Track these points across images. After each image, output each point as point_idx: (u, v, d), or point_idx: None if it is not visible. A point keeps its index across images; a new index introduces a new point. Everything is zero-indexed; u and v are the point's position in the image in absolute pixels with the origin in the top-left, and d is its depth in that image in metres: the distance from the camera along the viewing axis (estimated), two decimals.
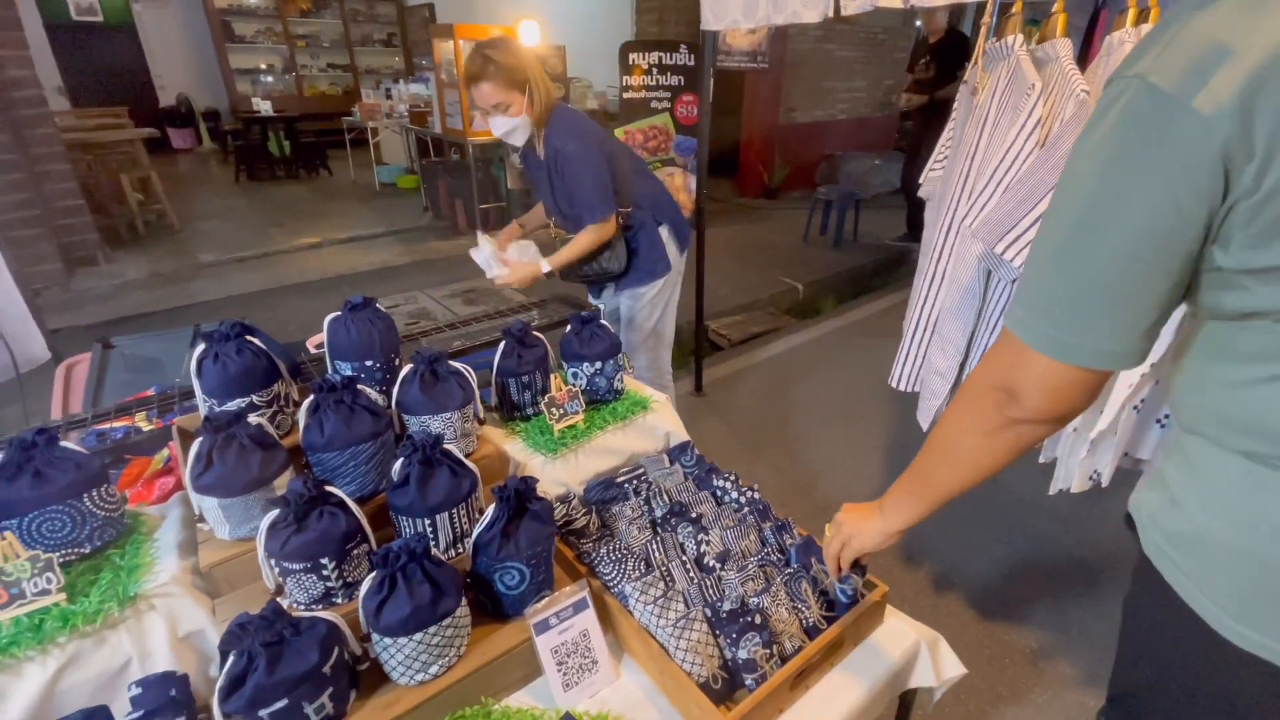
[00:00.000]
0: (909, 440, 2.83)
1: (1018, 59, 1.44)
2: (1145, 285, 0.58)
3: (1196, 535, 0.65)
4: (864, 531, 0.89)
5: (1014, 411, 0.68)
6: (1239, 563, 0.62)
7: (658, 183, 2.30)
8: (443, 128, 6.07)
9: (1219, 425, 0.63)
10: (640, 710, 0.91)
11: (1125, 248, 0.56)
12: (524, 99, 1.89)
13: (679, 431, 1.45)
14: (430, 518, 0.95)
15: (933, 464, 0.82)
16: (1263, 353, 0.57)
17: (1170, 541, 0.69)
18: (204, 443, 0.89)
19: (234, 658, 0.72)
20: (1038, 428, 0.69)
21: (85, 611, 0.85)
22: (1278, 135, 0.48)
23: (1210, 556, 0.64)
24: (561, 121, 1.96)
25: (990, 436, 0.72)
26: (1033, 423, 0.68)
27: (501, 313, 1.86)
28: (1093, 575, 2.09)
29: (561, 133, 1.94)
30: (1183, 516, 0.67)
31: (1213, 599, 0.64)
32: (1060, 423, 0.68)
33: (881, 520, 0.88)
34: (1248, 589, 0.62)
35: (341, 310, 1.17)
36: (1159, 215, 0.54)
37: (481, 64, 1.83)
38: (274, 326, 3.78)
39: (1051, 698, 1.70)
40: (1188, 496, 0.67)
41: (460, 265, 5.05)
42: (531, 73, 1.88)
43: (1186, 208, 0.53)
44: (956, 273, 1.65)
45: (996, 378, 0.69)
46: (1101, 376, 0.64)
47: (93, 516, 0.93)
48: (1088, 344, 0.61)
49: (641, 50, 3.98)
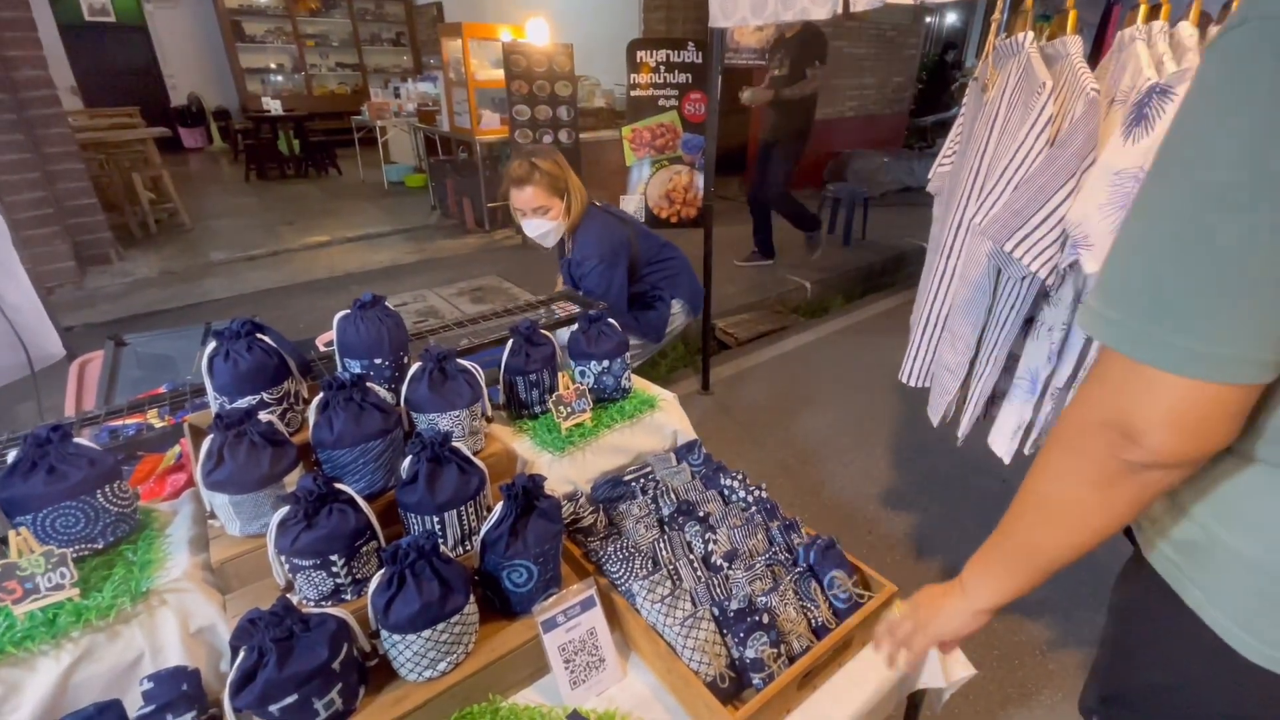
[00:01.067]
0: (918, 438, 2.81)
1: (1028, 56, 1.43)
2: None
3: (1205, 544, 0.63)
4: (944, 613, 0.74)
5: (1134, 454, 0.54)
6: (1249, 574, 0.59)
7: (678, 259, 2.48)
8: (451, 126, 6.08)
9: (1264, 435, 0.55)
10: (647, 709, 0.91)
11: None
12: (562, 205, 2.13)
13: (686, 430, 1.45)
14: (439, 515, 0.96)
15: (1028, 525, 0.67)
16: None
17: (1177, 550, 0.66)
18: (215, 440, 0.90)
19: (245, 653, 0.73)
20: (1169, 473, 0.55)
21: (98, 606, 0.86)
22: None
23: (1219, 566, 0.62)
24: (589, 233, 2.18)
25: (1104, 490, 0.58)
26: (1163, 467, 0.54)
27: (509, 311, 1.87)
28: (1101, 573, 2.06)
29: (587, 246, 2.15)
30: (1191, 525, 0.64)
31: (1222, 609, 0.62)
32: (1196, 465, 0.55)
33: (964, 598, 0.73)
34: (1257, 601, 0.59)
35: (351, 308, 1.18)
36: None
37: (529, 170, 2.07)
38: (284, 324, 3.80)
39: (1061, 699, 1.69)
40: (1196, 504, 0.63)
41: (468, 263, 5.07)
42: (570, 182, 2.14)
43: None
44: (967, 270, 1.64)
45: (1104, 412, 0.55)
46: (1249, 395, 0.50)
47: (106, 512, 0.94)
48: (1234, 351, 0.48)
49: (649, 48, 3.97)
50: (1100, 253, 1.25)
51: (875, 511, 2.42)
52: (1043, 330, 1.52)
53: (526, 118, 5.04)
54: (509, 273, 4.77)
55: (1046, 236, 1.31)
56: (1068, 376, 1.51)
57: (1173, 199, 0.50)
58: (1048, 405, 1.58)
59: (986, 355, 1.62)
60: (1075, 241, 1.27)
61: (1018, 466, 0.75)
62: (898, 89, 8.11)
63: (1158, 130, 1.16)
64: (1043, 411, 1.59)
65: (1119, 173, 1.21)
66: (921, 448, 2.76)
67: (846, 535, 2.28)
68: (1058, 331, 1.48)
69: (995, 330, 1.57)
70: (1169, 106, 1.15)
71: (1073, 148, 1.28)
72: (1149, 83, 1.18)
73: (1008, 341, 1.56)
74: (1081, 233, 1.25)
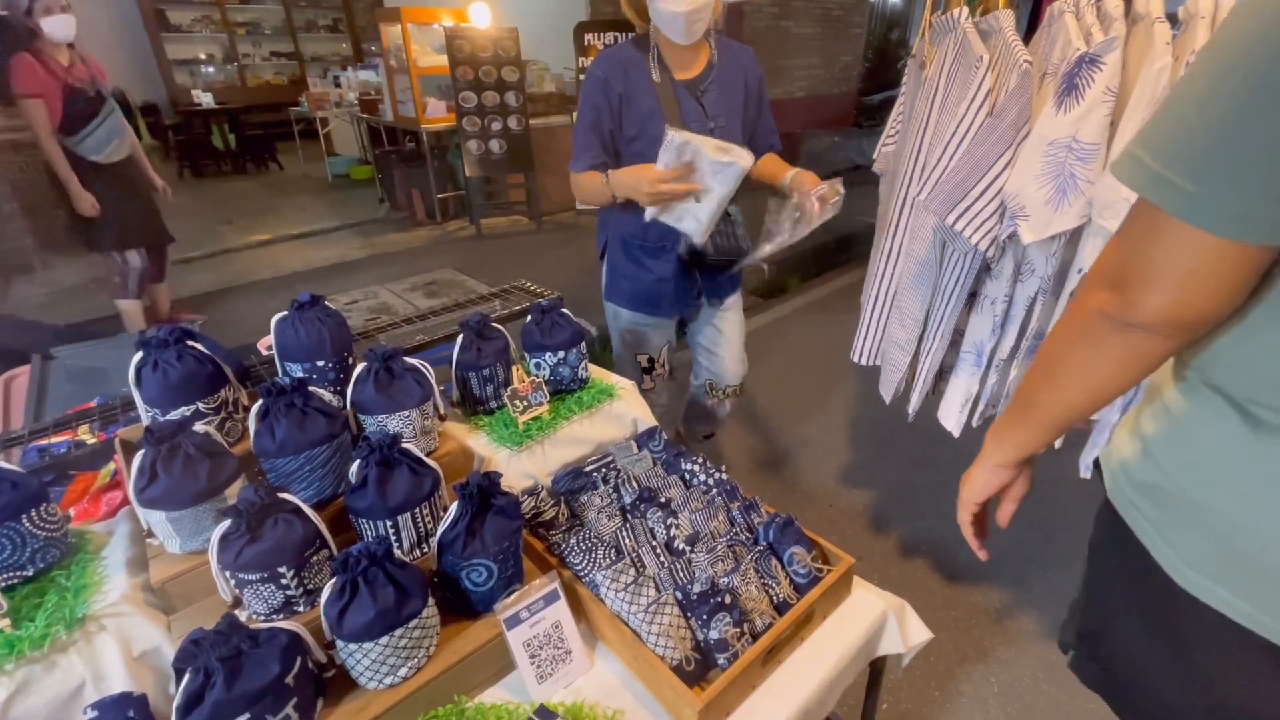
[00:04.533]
0: (874, 415, 2.88)
1: (964, 31, 1.45)
2: None
3: (1167, 489, 0.66)
4: (971, 479, 0.82)
5: (1122, 311, 0.57)
6: (1208, 520, 0.62)
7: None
8: (395, 115, 5.90)
9: (1243, 383, 0.58)
10: (615, 697, 0.91)
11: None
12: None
13: (646, 417, 1.45)
14: (392, 519, 0.93)
15: (1033, 384, 0.72)
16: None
17: (1138, 491, 0.69)
18: (146, 455, 0.86)
19: (190, 675, 0.70)
20: (1152, 338, 0.58)
21: (31, 637, 0.82)
22: None
23: (1179, 511, 0.65)
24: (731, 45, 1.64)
25: (1095, 348, 0.62)
26: (1146, 329, 0.57)
27: (460, 305, 1.83)
28: (1050, 533, 2.17)
29: (748, 55, 1.65)
30: (1156, 469, 0.67)
31: (1174, 548, 0.65)
32: (1181, 334, 0.57)
33: (984, 460, 0.80)
34: (1213, 546, 0.62)
35: (288, 310, 1.13)
36: None
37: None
38: (228, 328, 3.65)
39: (1015, 654, 1.77)
40: (1164, 451, 0.66)
41: (420, 257, 4.94)
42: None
43: None
44: (912, 247, 1.67)
45: (1106, 270, 0.58)
46: (1240, 260, 0.51)
47: (33, 538, 0.89)
48: (1241, 208, 0.49)
49: (597, 30, 3.92)
50: (1037, 224, 1.29)
51: (835, 486, 2.47)
52: (986, 304, 1.57)
53: (474, 104, 4.92)
54: (463, 265, 4.67)
55: (986, 208, 1.34)
56: (1011, 347, 1.56)
57: (1206, 69, 0.52)
58: (993, 377, 1.63)
59: (933, 330, 1.66)
60: (1013, 212, 1.31)
61: (971, 436, 0.80)
62: (845, 68, 8.19)
63: (1088, 99, 1.19)
64: (989, 383, 1.64)
65: (1052, 142, 1.24)
66: (878, 422, 2.83)
67: (808, 511, 2.33)
68: (1000, 304, 1.52)
69: (941, 305, 1.61)
70: (1098, 75, 1.19)
71: (1008, 119, 1.31)
72: (1078, 53, 1.21)
73: (953, 316, 1.60)
74: (1019, 204, 1.29)
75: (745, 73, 1.59)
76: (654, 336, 1.82)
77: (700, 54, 1.55)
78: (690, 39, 1.45)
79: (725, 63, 1.56)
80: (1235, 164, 0.50)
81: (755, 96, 1.62)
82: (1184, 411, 0.64)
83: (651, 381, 1.87)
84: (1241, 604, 0.61)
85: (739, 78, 1.58)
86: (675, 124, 1.46)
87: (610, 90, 1.52)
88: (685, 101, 1.53)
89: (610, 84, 1.52)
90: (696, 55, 1.54)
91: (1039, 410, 0.72)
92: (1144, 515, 0.69)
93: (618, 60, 1.54)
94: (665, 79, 1.53)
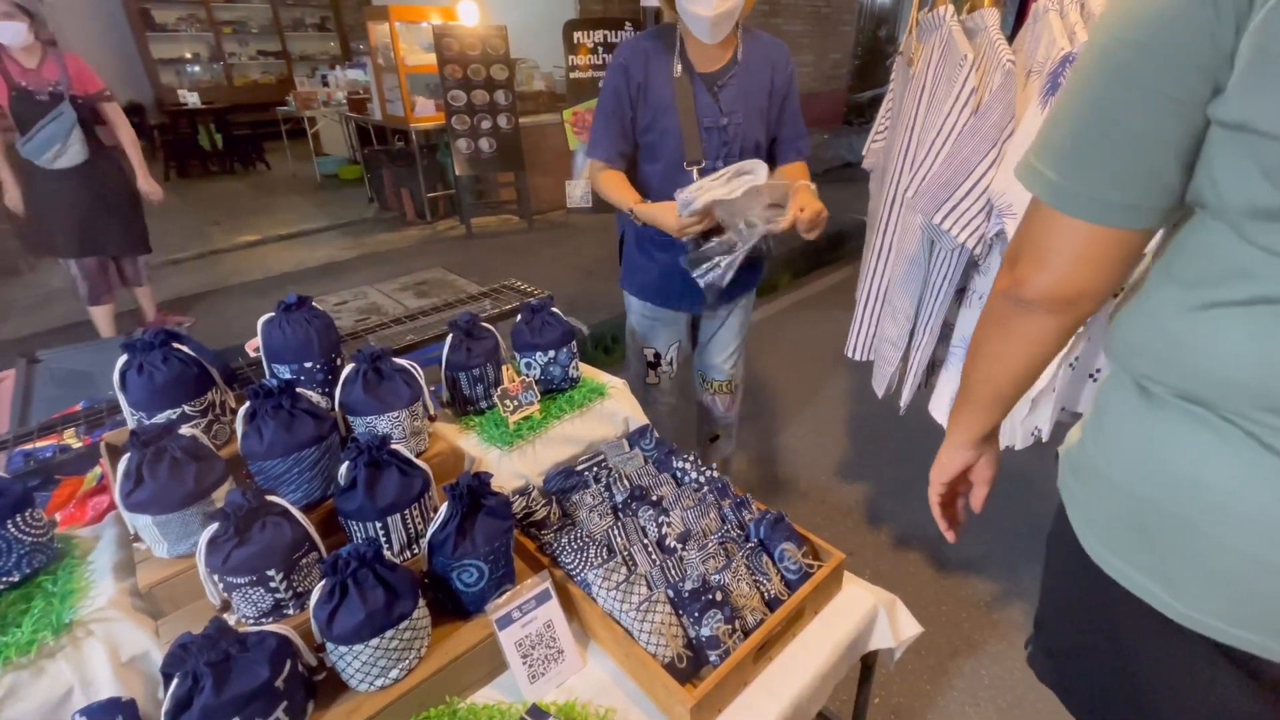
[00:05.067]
0: (867, 411, 2.89)
1: (950, 30, 1.46)
2: (1151, 120, 0.52)
3: (1088, 468, 0.69)
4: (936, 460, 0.88)
5: (1015, 289, 0.65)
6: (1114, 495, 0.65)
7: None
8: (384, 114, 5.87)
9: (1141, 358, 0.62)
10: (608, 695, 0.91)
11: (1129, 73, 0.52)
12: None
13: (638, 416, 1.45)
14: (381, 520, 0.93)
15: (967, 365, 0.79)
16: (1201, 278, 0.56)
17: (1072, 475, 0.72)
18: (132, 459, 0.85)
19: (178, 680, 0.70)
20: (1043, 315, 0.64)
21: (18, 643, 0.81)
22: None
23: (1094, 488, 0.68)
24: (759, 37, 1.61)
25: (1003, 327, 0.69)
26: (1034, 305, 0.64)
27: (450, 304, 1.82)
28: (1040, 526, 2.17)
29: (777, 47, 1.61)
30: (1080, 451, 0.71)
31: (1091, 528, 0.68)
32: (1065, 310, 0.63)
33: (945, 443, 0.86)
34: (1117, 521, 0.65)
35: (275, 311, 1.12)
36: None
37: None
38: (217, 330, 3.62)
39: (1005, 647, 1.78)
40: (1089, 433, 0.70)
41: (410, 256, 4.92)
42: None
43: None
44: (903, 244, 1.68)
45: (1007, 254, 0.66)
46: (1116, 244, 0.58)
47: (18, 543, 0.88)
48: (1087, 191, 0.57)
49: (586, 29, 3.90)
50: None
51: (827, 481, 2.48)
52: (974, 299, 1.58)
53: (463, 103, 4.89)
54: (453, 264, 4.65)
55: (972, 207, 1.35)
56: None
57: (1072, 77, 0.59)
58: None
59: (923, 325, 1.67)
60: (999, 210, 1.32)
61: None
62: (835, 65, 8.22)
63: None
64: None
65: None
66: (870, 417, 2.84)
67: (801, 507, 2.34)
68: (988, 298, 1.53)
69: (931, 301, 1.62)
70: None
71: (992, 118, 1.31)
72: (1062, 52, 1.22)
73: (942, 311, 1.61)
74: (1005, 202, 1.30)
75: (773, 69, 1.56)
76: (662, 331, 1.82)
77: (726, 47, 1.52)
78: (715, 40, 1.43)
79: (751, 58, 1.53)
80: (1084, 155, 0.57)
81: (781, 94, 1.59)
82: (1104, 393, 0.69)
83: (656, 377, 1.88)
84: (1141, 578, 0.63)
85: (765, 74, 1.55)
86: (686, 116, 1.48)
87: (630, 77, 1.51)
88: (701, 96, 1.51)
89: (631, 70, 1.51)
90: (722, 49, 1.52)
91: (973, 390, 0.78)
92: (1072, 497, 0.71)
93: (641, 48, 1.53)
94: (685, 72, 1.51)
